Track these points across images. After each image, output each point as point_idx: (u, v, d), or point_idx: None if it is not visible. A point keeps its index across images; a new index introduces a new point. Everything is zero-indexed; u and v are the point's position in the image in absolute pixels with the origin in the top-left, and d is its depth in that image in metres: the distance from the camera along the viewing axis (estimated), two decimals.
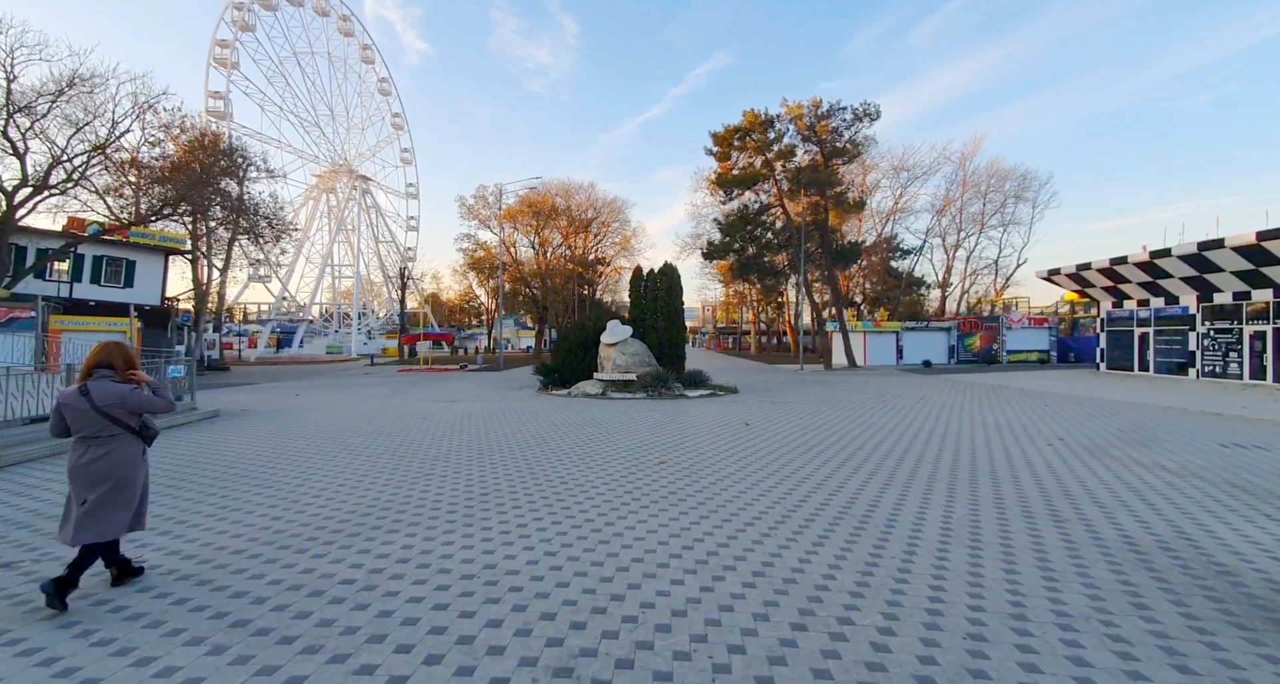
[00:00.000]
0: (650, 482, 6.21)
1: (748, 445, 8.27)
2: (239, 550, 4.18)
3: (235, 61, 50.34)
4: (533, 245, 49.17)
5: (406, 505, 5.39)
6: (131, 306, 25.32)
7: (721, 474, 6.53)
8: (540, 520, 4.99)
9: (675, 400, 14.70)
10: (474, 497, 5.68)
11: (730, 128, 27.47)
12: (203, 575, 3.69)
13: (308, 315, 60.22)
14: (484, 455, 7.67)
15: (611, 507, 5.39)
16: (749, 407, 13.22)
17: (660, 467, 6.95)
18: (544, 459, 7.40)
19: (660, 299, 18.34)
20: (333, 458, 7.59)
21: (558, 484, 6.14)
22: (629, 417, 11.50)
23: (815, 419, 11.09)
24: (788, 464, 7.02)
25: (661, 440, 8.70)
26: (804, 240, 27.92)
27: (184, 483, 6.23)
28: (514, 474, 6.58)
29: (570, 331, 18.60)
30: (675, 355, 18.31)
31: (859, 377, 23.98)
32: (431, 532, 4.72)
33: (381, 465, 7.07)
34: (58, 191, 22.83)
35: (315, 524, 4.85)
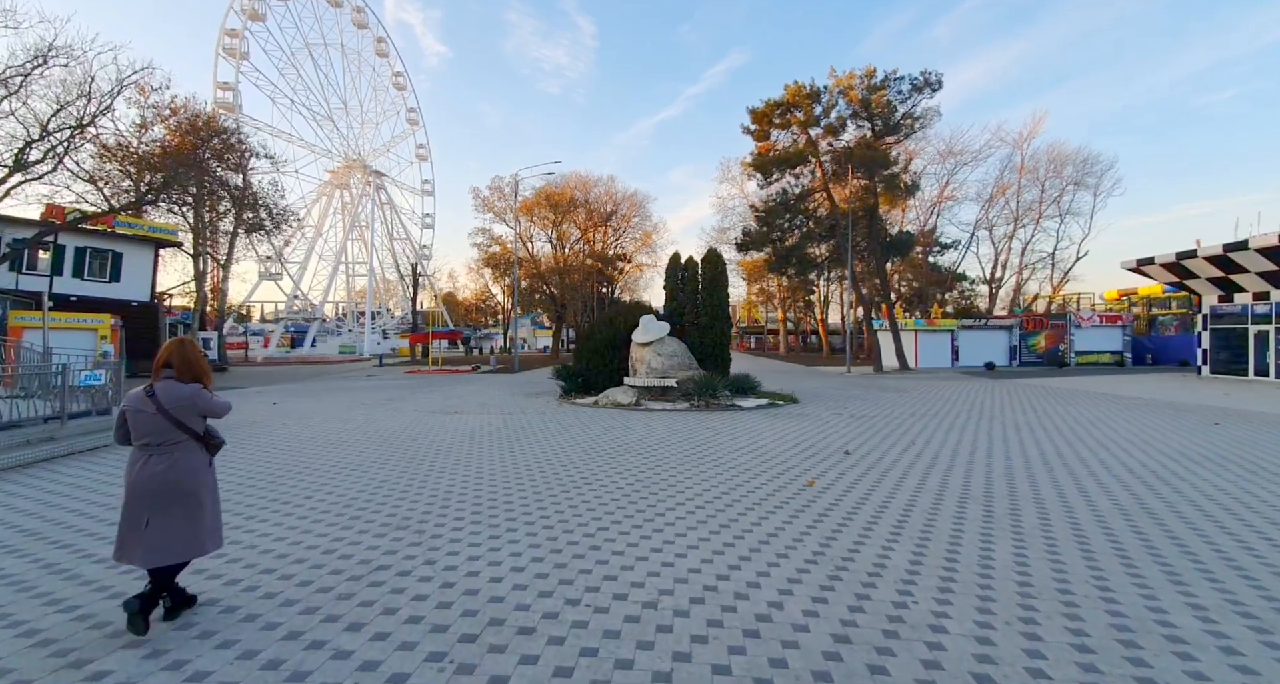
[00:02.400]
0: (794, 596, 3.45)
1: (883, 492, 5.48)
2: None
3: (245, 52, 48.73)
4: (550, 240, 46.74)
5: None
6: (124, 303, 23.35)
7: (894, 566, 3.75)
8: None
9: (727, 412, 11.93)
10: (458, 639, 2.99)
11: (771, 102, 24.57)
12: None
13: (320, 314, 58.57)
14: (483, 515, 4.99)
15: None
16: (825, 422, 10.39)
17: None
18: (577, 524, 4.70)
19: (702, 291, 15.55)
20: (245, 519, 4.98)
21: (618, 598, 3.42)
22: (680, 438, 8.76)
23: (933, 444, 8.23)
24: (982, 529, 4.21)
25: (742, 479, 5.95)
26: (851, 228, 24.93)
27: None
28: (535, 563, 3.89)
29: (595, 328, 15.93)
30: (720, 357, 15.51)
31: (922, 380, 20.93)
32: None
33: (313, 540, 4.44)
34: (35, 176, 20.83)
35: None
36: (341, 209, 61.29)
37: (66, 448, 7.52)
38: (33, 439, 7.42)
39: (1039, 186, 39.91)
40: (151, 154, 23.74)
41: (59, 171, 21.72)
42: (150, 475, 2.89)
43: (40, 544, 4.18)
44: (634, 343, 14.82)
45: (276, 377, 25.25)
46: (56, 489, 5.78)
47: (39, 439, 7.49)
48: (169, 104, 24.07)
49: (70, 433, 7.94)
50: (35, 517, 4.87)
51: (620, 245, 55.84)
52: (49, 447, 7.32)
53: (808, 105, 24.01)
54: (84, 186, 25.36)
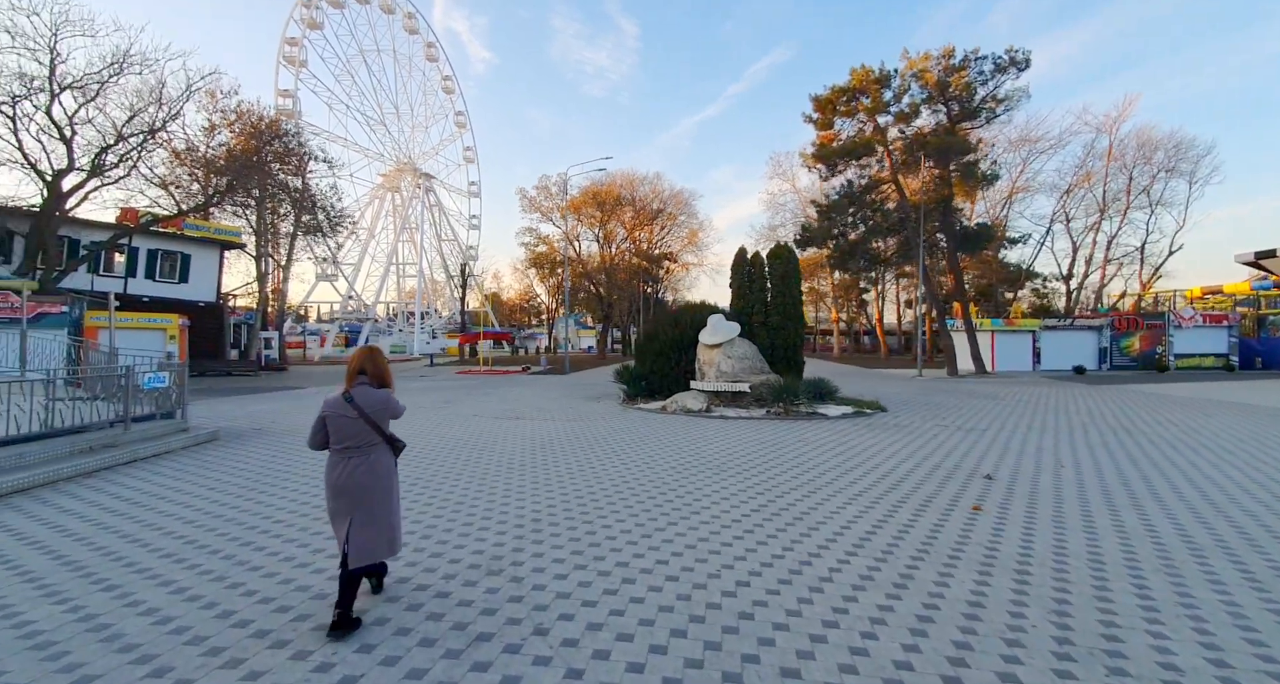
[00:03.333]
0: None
1: (1078, 538, 4.33)
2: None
3: (304, 60, 50.30)
4: (597, 238, 46.18)
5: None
6: (192, 303, 24.02)
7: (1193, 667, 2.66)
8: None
9: (811, 421, 10.81)
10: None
11: (836, 88, 23.08)
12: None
13: (373, 314, 60.03)
14: (584, 554, 4.13)
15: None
16: (931, 435, 9.14)
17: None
18: (707, 575, 3.77)
19: (772, 289, 14.43)
20: (313, 553, 4.28)
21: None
22: (776, 454, 7.73)
23: (1085, 466, 6.92)
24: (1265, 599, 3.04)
25: (882, 512, 4.90)
26: (924, 220, 23.17)
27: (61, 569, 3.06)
28: (679, 640, 2.99)
29: (658, 329, 15.03)
30: (792, 360, 14.36)
31: (1008, 385, 19.09)
32: None
33: (395, 591, 3.67)
34: (111, 181, 21.56)
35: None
36: (392, 211, 62.68)
37: (129, 455, 7.14)
38: (95, 445, 7.07)
39: (1126, 174, 36.67)
40: (218, 158, 24.33)
41: (133, 176, 22.49)
42: (352, 476, 3.02)
43: (119, 561, 3.57)
44: (701, 344, 13.84)
45: (333, 376, 25.49)
46: (118, 502, 5.27)
47: (101, 445, 7.14)
48: (235, 108, 24.63)
49: (132, 438, 7.59)
50: (107, 528, 4.31)
51: (665, 244, 54.91)
52: (111, 453, 6.94)
53: (876, 91, 22.42)
54: (156, 192, 26.29)
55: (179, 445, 7.99)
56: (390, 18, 59.54)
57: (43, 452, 6.41)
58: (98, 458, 6.72)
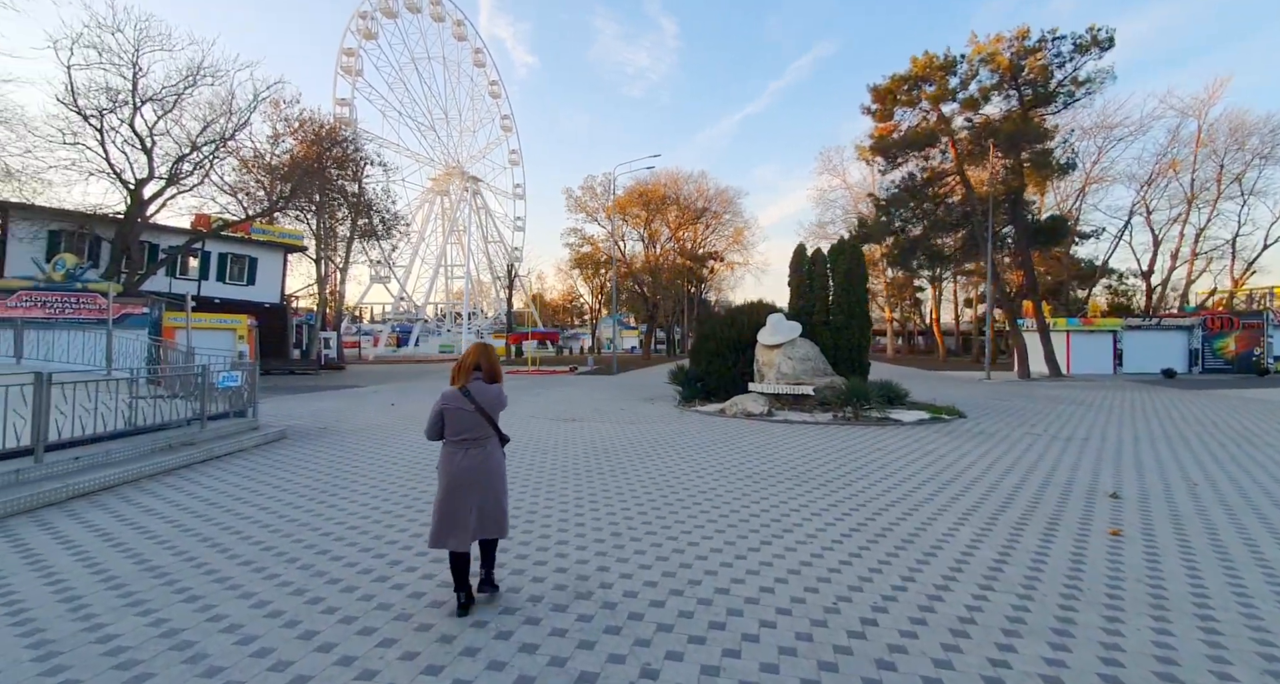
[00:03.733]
0: None
1: (1253, 575, 3.68)
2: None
3: (359, 69, 52.18)
4: (641, 238, 45.95)
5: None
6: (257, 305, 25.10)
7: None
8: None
9: (884, 427, 10.13)
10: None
11: (896, 77, 21.98)
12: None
13: (423, 315, 61.72)
14: (679, 579, 3.78)
15: None
16: (1024, 444, 8.35)
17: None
18: (823, 607, 3.35)
19: (836, 286, 13.74)
20: (390, 565, 4.08)
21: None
22: (855, 462, 7.18)
23: (1222, 484, 6.08)
24: None
25: (1007, 535, 4.33)
26: (992, 213, 21.78)
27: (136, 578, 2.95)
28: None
29: (715, 328, 14.55)
30: (857, 361, 13.63)
31: (1092, 389, 17.63)
32: None
33: (484, 616, 3.41)
34: (186, 189, 22.71)
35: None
36: (441, 214, 64.27)
37: (205, 453, 7.25)
38: (175, 443, 7.21)
39: (1216, 162, 33.70)
40: (282, 165, 25.34)
41: (205, 184, 23.65)
42: (472, 466, 3.18)
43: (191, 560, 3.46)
44: (760, 345, 13.30)
45: (387, 375, 26.16)
46: (197, 502, 5.27)
47: (180, 443, 7.28)
48: (298, 117, 25.61)
49: (208, 437, 7.73)
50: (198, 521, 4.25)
51: (710, 243, 54.21)
52: (189, 452, 7.05)
53: (941, 77, 21.22)
54: (226, 199, 27.68)
55: (251, 444, 8.10)
56: (440, 25, 61.09)
57: (127, 449, 6.54)
58: (177, 456, 6.82)
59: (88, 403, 6.48)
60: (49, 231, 21.14)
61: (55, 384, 5.81)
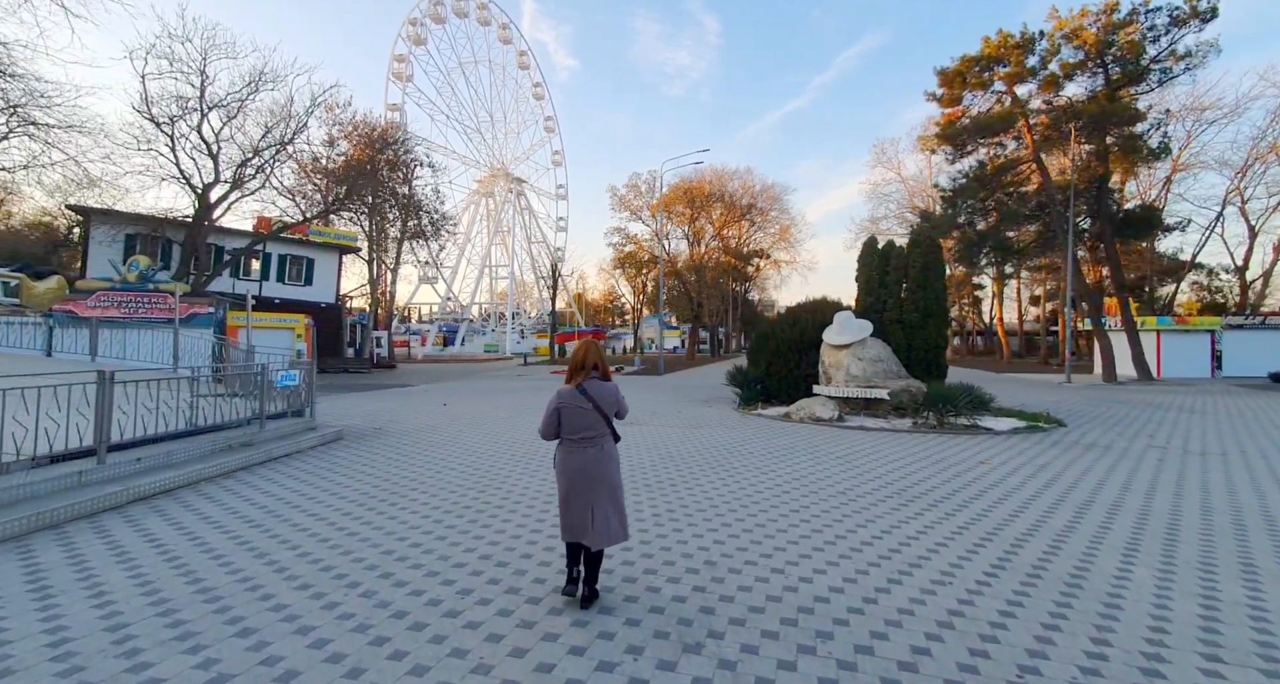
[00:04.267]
0: None
1: None
2: None
3: (410, 75, 53.44)
4: (686, 236, 45.18)
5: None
6: (315, 305, 25.77)
7: None
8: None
9: (974, 436, 9.16)
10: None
11: (967, 58, 20.52)
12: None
13: (468, 315, 62.80)
14: (792, 613, 3.14)
15: None
16: (1153, 461, 7.27)
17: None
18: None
19: (911, 281, 12.73)
20: (445, 615, 3.60)
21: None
22: (957, 476, 6.35)
23: None
24: None
25: (1160, 562, 3.51)
26: (1074, 203, 20.05)
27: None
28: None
29: (776, 327, 13.75)
30: (933, 363, 12.60)
31: (1197, 394, 15.85)
32: None
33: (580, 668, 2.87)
34: (249, 192, 23.46)
35: None
36: (486, 215, 65.26)
37: (264, 454, 7.05)
38: (234, 443, 7.04)
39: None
40: (337, 168, 25.92)
41: (266, 188, 24.40)
42: (588, 464, 3.15)
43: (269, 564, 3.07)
44: (827, 345, 12.45)
45: (436, 374, 26.40)
46: (255, 510, 4.97)
47: (240, 443, 7.12)
48: (351, 120, 26.16)
49: (267, 437, 7.56)
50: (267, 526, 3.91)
51: (756, 241, 52.93)
52: (247, 453, 6.87)
53: (1018, 57, 19.65)
54: (286, 203, 28.57)
55: (308, 445, 7.90)
56: (486, 29, 62.04)
57: (188, 450, 6.38)
58: (236, 457, 6.63)
59: (149, 402, 6.34)
60: (126, 235, 22.21)
61: (117, 383, 5.66)
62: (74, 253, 26.64)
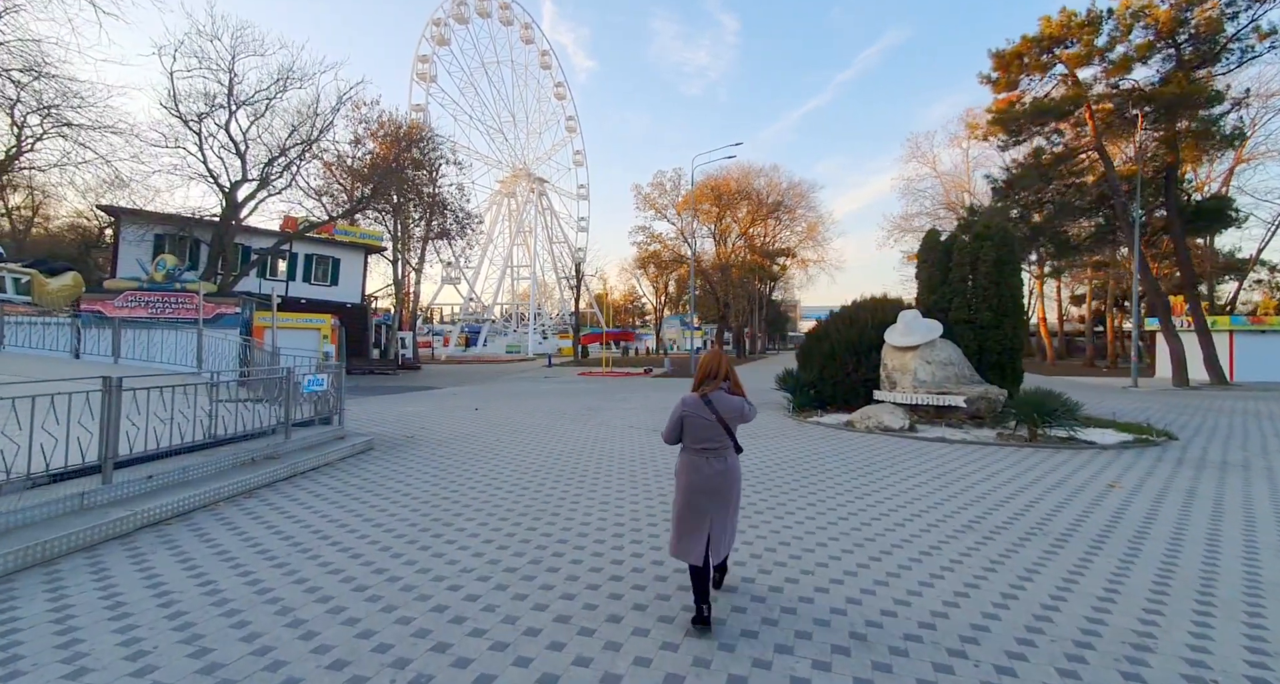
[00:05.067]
0: None
1: None
2: None
3: (433, 75, 53.33)
4: (712, 234, 44.17)
5: None
6: (342, 305, 25.42)
7: None
8: None
9: (1074, 451, 8.08)
10: None
11: (1027, 38, 19.18)
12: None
13: (490, 316, 62.58)
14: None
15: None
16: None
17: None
18: None
19: (982, 277, 11.62)
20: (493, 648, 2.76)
21: None
22: (1102, 504, 5.33)
23: None
24: None
25: None
26: (1139, 195, 18.61)
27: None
28: None
29: (830, 327, 12.74)
30: (1008, 367, 11.47)
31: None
32: None
33: None
34: (276, 191, 23.16)
35: None
36: (508, 216, 65.00)
37: (289, 468, 6.35)
38: (258, 456, 6.35)
39: None
40: (363, 167, 25.53)
41: (293, 187, 24.09)
42: (713, 475, 3.07)
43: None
44: (889, 347, 11.43)
45: (462, 375, 25.85)
46: (279, 541, 4.22)
47: (264, 456, 6.42)
48: (377, 118, 25.76)
49: (292, 448, 6.87)
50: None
51: (783, 239, 51.68)
52: (271, 468, 6.16)
53: (1087, 36, 18.29)
54: (312, 203, 28.34)
55: (337, 456, 7.19)
56: (508, 29, 61.78)
57: (206, 465, 5.69)
58: (259, 473, 5.93)
59: (164, 411, 5.67)
60: (155, 235, 22.07)
61: (127, 390, 4.97)
62: (107, 254, 26.72)
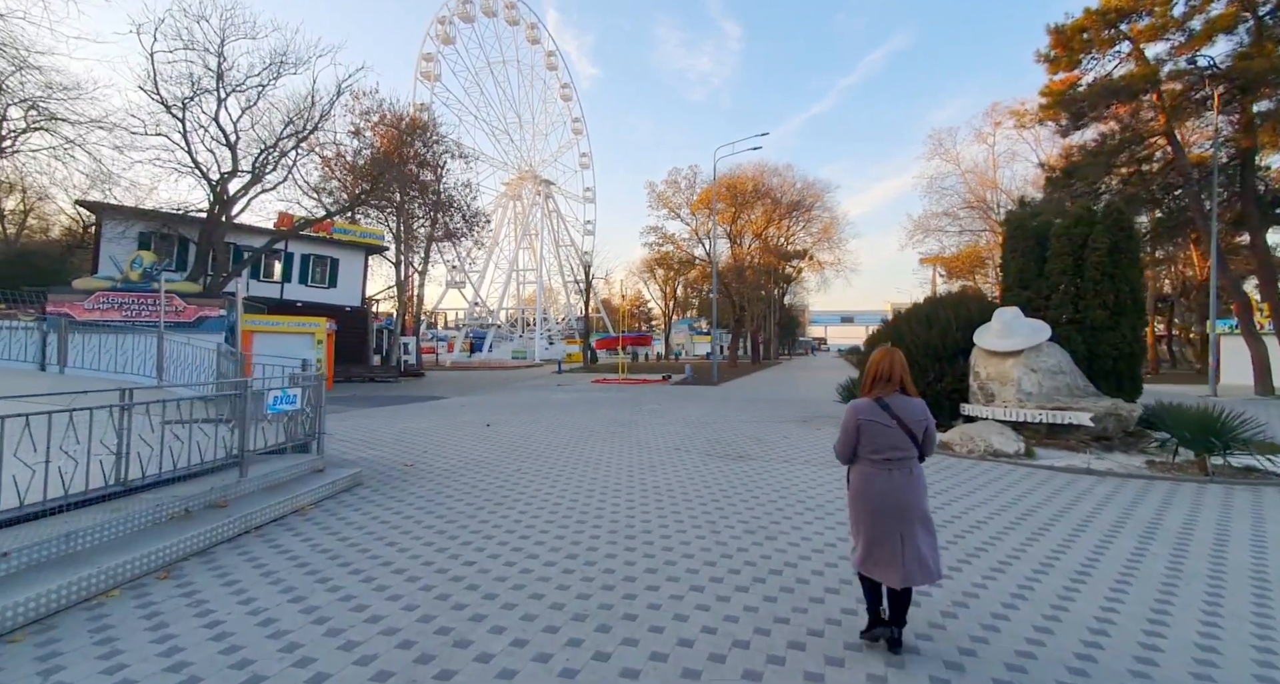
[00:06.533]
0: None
1: None
2: None
3: (438, 75, 51.98)
4: (728, 234, 42.36)
5: None
6: (341, 308, 23.74)
7: None
8: None
9: (1261, 487, 6.21)
10: None
11: (1090, 12, 17.41)
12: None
13: (496, 320, 60.95)
14: None
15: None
16: None
17: None
18: None
19: (1092, 268, 9.75)
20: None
21: None
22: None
23: None
24: None
25: None
26: (1216, 182, 16.78)
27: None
28: None
29: (903, 327, 10.90)
30: (1126, 376, 9.60)
31: None
32: None
33: None
34: (270, 186, 21.54)
35: None
36: (514, 219, 63.48)
37: (238, 525, 4.53)
38: (194, 506, 4.54)
39: None
40: (365, 163, 23.89)
41: (289, 184, 22.45)
42: (894, 489, 2.73)
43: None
44: (981, 352, 9.59)
45: (468, 383, 24.05)
46: (207, 655, 2.42)
47: (203, 505, 4.62)
48: (377, 108, 24.16)
49: (250, 489, 5.07)
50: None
51: (798, 240, 49.85)
52: (215, 522, 4.35)
53: (1161, 6, 16.49)
54: (311, 202, 26.72)
55: (310, 498, 5.38)
56: (514, 29, 60.53)
57: (110, 527, 3.88)
58: (189, 534, 4.12)
59: (77, 441, 3.89)
60: (139, 233, 20.43)
61: (11, 417, 3.20)
62: (90, 255, 25.15)
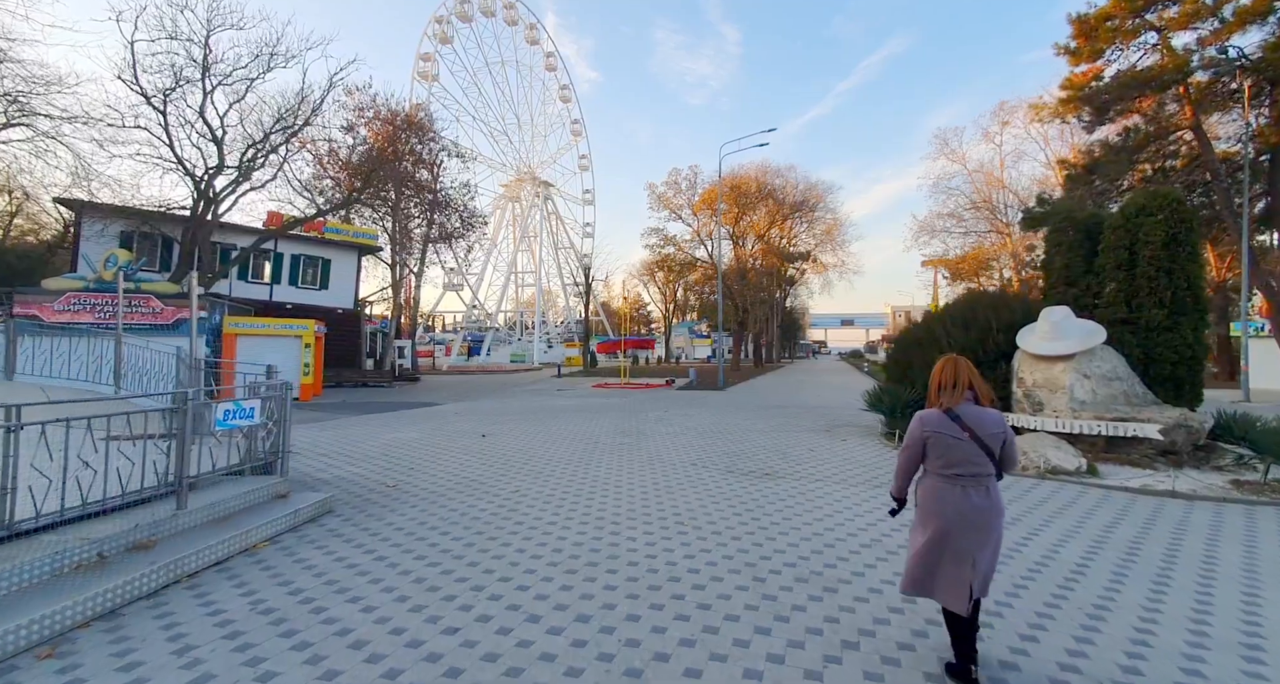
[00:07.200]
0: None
1: None
2: None
3: (435, 74, 51.24)
4: (731, 235, 41.56)
5: None
6: (334, 310, 22.83)
7: None
8: None
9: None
10: None
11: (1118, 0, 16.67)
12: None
13: (494, 323, 60.06)
14: None
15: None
16: None
17: None
18: None
19: (1147, 264, 8.89)
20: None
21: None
22: None
23: None
24: None
25: None
26: (1247, 178, 16.01)
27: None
28: None
29: (937, 328, 10.02)
30: (1185, 382, 8.72)
31: None
32: None
33: None
34: (259, 184, 20.67)
35: None
36: (513, 221, 62.67)
37: (169, 569, 3.62)
38: (110, 551, 3.63)
39: None
40: (359, 161, 23.03)
41: (279, 182, 21.58)
42: (976, 510, 2.48)
43: None
44: (1026, 356, 8.72)
45: (465, 388, 23.11)
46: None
47: (124, 546, 3.72)
48: (371, 103, 23.34)
49: (190, 523, 4.16)
50: None
51: (801, 242, 49.09)
52: (137, 570, 3.44)
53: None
54: (303, 202, 25.85)
55: (266, 532, 4.47)
56: (513, 29, 59.91)
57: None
58: (90, 593, 3.21)
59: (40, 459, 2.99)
60: (119, 232, 19.52)
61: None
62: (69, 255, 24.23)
